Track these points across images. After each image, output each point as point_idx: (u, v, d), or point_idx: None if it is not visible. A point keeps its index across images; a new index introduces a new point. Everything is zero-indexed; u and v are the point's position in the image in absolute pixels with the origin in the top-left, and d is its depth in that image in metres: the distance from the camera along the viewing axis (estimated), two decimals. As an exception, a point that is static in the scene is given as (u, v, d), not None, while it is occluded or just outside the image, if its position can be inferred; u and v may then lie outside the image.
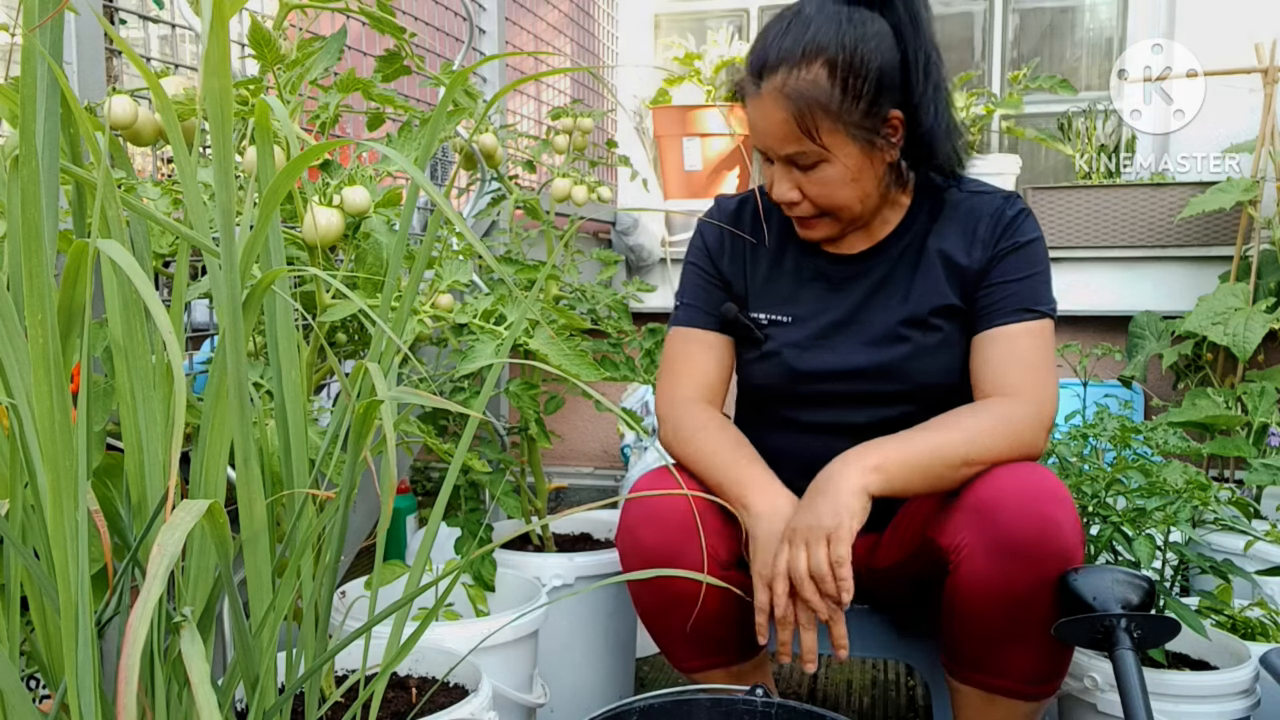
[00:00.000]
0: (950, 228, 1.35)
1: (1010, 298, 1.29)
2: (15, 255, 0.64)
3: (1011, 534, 1.14)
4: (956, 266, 1.32)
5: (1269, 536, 1.73)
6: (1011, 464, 1.20)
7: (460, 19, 2.12)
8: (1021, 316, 1.28)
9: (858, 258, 1.38)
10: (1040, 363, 1.28)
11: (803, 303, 1.39)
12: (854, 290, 1.37)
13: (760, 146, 1.30)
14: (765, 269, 1.42)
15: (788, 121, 1.24)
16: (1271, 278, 2.33)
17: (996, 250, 1.31)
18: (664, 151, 3.07)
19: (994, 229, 1.32)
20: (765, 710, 1.12)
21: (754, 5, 3.31)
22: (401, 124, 1.26)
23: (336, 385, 1.56)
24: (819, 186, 1.27)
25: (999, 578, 1.15)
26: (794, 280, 1.40)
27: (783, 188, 1.29)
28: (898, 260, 1.36)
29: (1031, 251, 1.31)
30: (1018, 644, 1.20)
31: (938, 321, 1.33)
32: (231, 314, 0.70)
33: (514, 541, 1.79)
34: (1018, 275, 1.30)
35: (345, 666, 1.26)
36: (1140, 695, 1.08)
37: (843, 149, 1.25)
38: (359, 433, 0.81)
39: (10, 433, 0.69)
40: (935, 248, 1.34)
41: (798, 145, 1.25)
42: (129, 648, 0.47)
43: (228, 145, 0.66)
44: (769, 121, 1.25)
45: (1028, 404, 1.24)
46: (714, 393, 1.40)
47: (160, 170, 1.42)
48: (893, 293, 1.36)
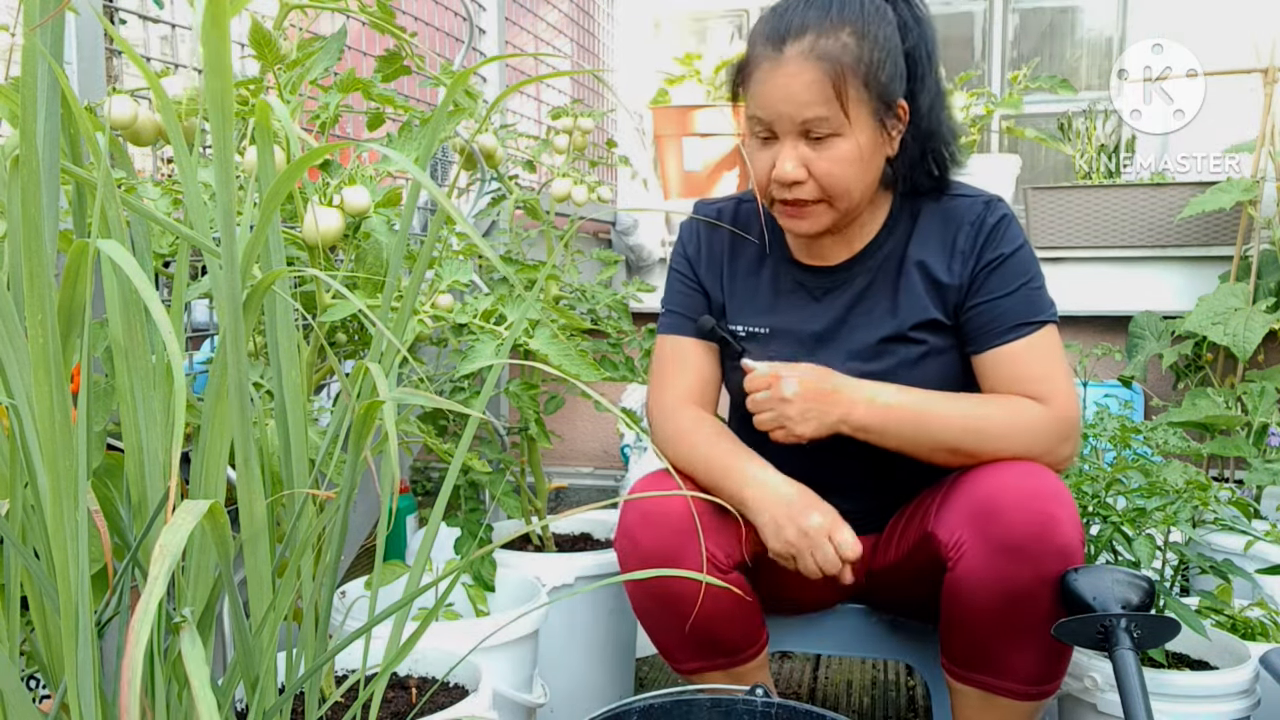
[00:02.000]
0: (929, 237, 1.32)
1: (1003, 316, 1.27)
2: (15, 255, 0.64)
3: (1011, 531, 1.14)
4: (937, 282, 1.30)
5: (1269, 536, 1.73)
6: (1012, 461, 1.20)
7: (460, 19, 2.11)
8: (1020, 333, 1.26)
9: (837, 269, 1.36)
10: (1054, 371, 1.26)
11: (781, 314, 1.37)
12: (834, 302, 1.35)
13: (770, 117, 1.23)
14: (743, 278, 1.40)
15: (819, 83, 1.19)
16: (1271, 278, 2.33)
17: (978, 264, 1.28)
18: (664, 151, 3.07)
19: (974, 239, 1.29)
20: (765, 710, 1.12)
21: (754, 5, 3.31)
22: (402, 124, 1.26)
23: (336, 385, 1.56)
24: (828, 163, 1.23)
25: (997, 575, 1.15)
26: (772, 291, 1.38)
27: (788, 165, 1.23)
28: (877, 271, 1.34)
29: (1016, 262, 1.28)
30: (1016, 643, 1.20)
31: (920, 335, 1.31)
32: (232, 314, 0.70)
33: (514, 541, 1.79)
34: (1005, 290, 1.27)
35: (345, 666, 1.26)
36: (1140, 695, 1.08)
37: (861, 124, 1.22)
38: (359, 433, 0.81)
39: (10, 433, 0.69)
40: (915, 259, 1.31)
41: (823, 109, 1.20)
42: (131, 648, 0.47)
43: (228, 145, 0.66)
44: (796, 84, 1.20)
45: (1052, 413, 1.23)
46: (703, 397, 1.39)
47: (160, 170, 1.42)
48: (874, 306, 1.33)
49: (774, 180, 1.25)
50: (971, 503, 1.18)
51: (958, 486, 1.22)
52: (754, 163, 1.28)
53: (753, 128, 1.27)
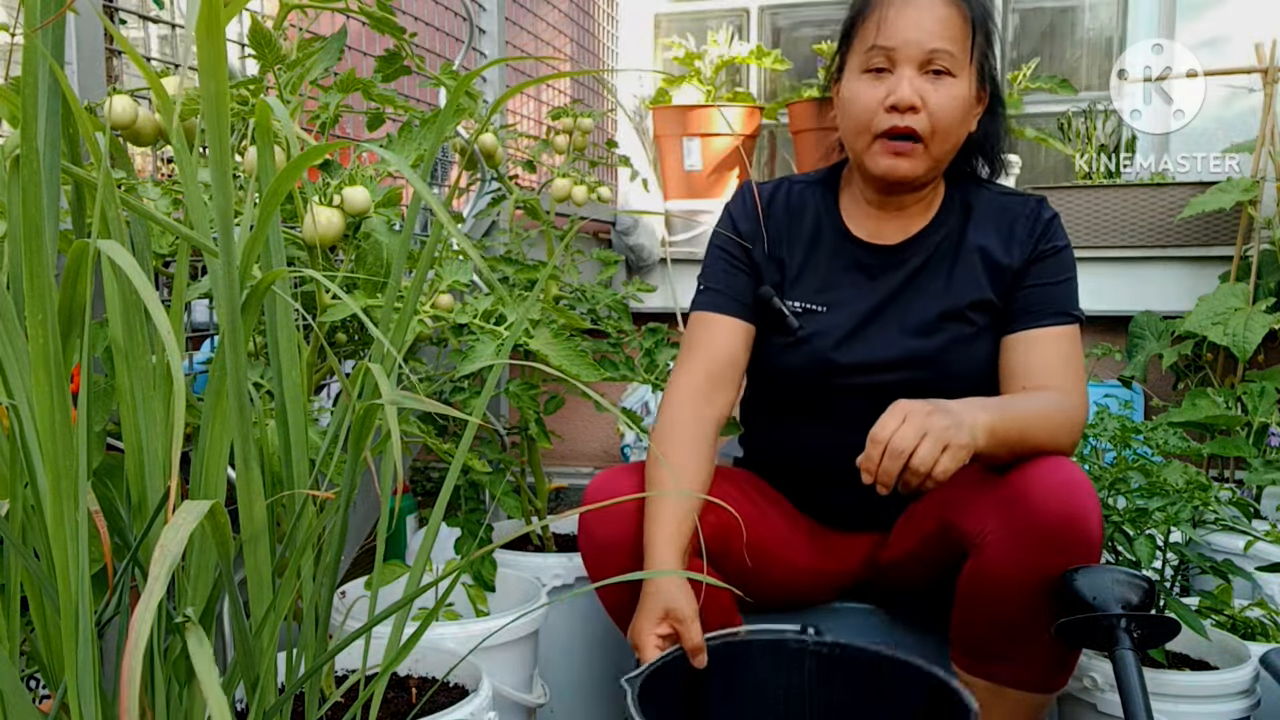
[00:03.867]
0: (986, 225, 1.38)
1: (1052, 300, 1.34)
2: (15, 255, 0.64)
3: (1042, 521, 1.15)
4: (996, 264, 1.36)
5: (1269, 536, 1.73)
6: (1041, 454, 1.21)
7: (460, 19, 2.11)
8: (1062, 319, 1.33)
9: (894, 248, 1.40)
10: (1079, 366, 1.33)
11: (838, 291, 1.40)
12: (889, 280, 1.39)
13: (895, 44, 1.28)
14: (801, 259, 1.43)
15: (953, 19, 1.28)
16: (1271, 278, 2.33)
17: (1035, 251, 1.36)
18: (664, 151, 3.07)
19: (1031, 230, 1.36)
20: (817, 649, 1.12)
21: (754, 5, 3.30)
22: (402, 124, 1.26)
23: (336, 385, 1.56)
24: (943, 99, 1.28)
25: (1022, 564, 1.16)
26: (829, 269, 1.42)
27: (907, 90, 1.27)
28: (934, 252, 1.39)
29: (1067, 257, 1.37)
30: (1034, 634, 1.20)
31: (974, 315, 1.36)
32: (231, 314, 0.70)
33: (514, 541, 1.79)
34: (1056, 279, 1.35)
35: (345, 666, 1.26)
36: (1140, 695, 1.08)
37: (969, 74, 1.31)
38: (359, 433, 0.81)
39: (10, 433, 0.69)
40: (974, 243, 1.38)
41: (950, 45, 1.27)
42: (131, 649, 0.47)
43: (225, 147, 0.66)
44: (930, 16, 1.27)
45: (1077, 406, 1.29)
46: (723, 378, 1.38)
47: (160, 170, 1.42)
48: (930, 283, 1.38)
49: (890, 106, 1.29)
50: (1000, 492, 1.19)
51: (982, 477, 1.23)
52: (860, 98, 1.32)
53: (868, 60, 1.31)
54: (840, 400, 1.38)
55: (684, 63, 3.06)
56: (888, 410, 1.14)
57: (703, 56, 3.03)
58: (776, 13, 3.31)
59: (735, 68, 3.20)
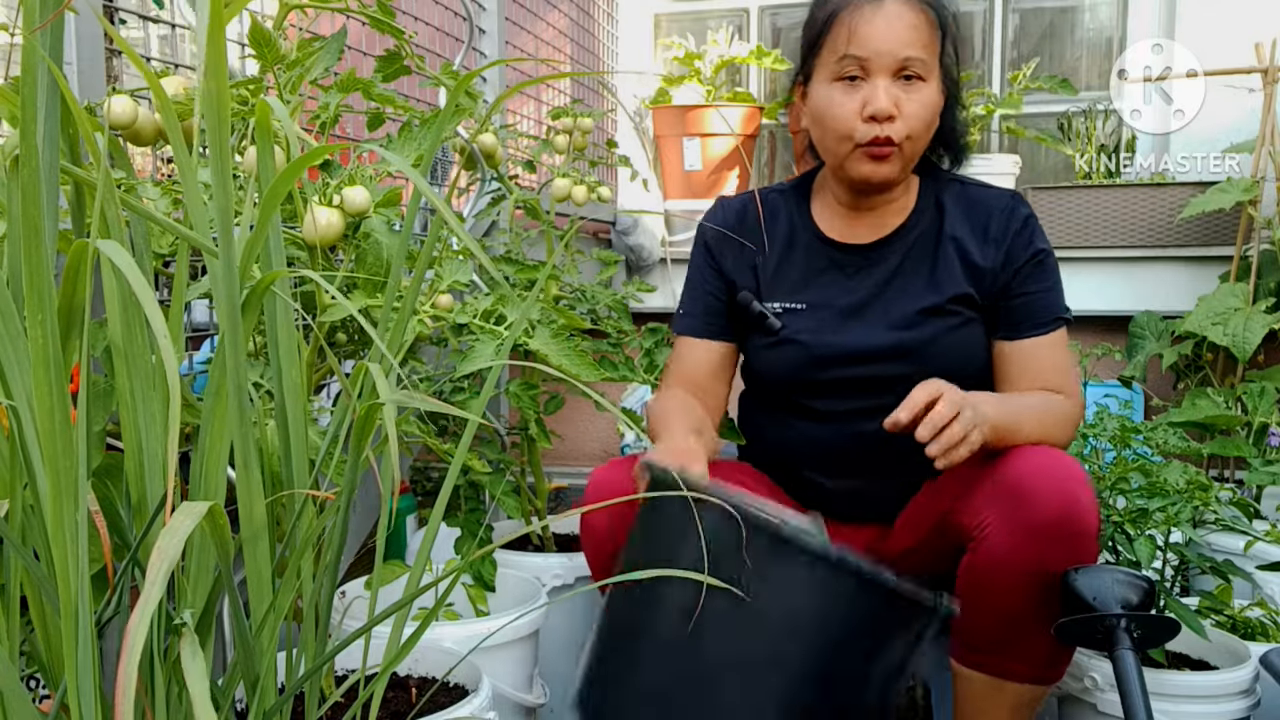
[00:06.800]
0: (960, 219, 1.39)
1: (1041, 309, 1.36)
2: (15, 255, 0.64)
3: (1040, 513, 1.15)
4: (971, 263, 1.37)
5: (1269, 537, 1.73)
6: (1036, 446, 1.22)
7: (460, 19, 2.11)
8: (1054, 326, 1.37)
9: (869, 247, 1.41)
10: (1071, 365, 1.37)
11: (816, 290, 1.42)
12: (868, 279, 1.41)
13: (868, 54, 1.28)
14: (775, 262, 1.45)
15: (922, 26, 1.29)
16: (1271, 278, 2.33)
17: (1012, 252, 1.36)
18: (664, 151, 3.07)
19: (1005, 228, 1.37)
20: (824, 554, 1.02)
21: (754, 5, 3.30)
22: (402, 124, 1.26)
23: (336, 385, 1.56)
24: (916, 105, 1.30)
25: (1020, 557, 1.17)
26: (805, 270, 1.43)
27: (885, 101, 1.28)
28: (911, 248, 1.40)
29: (1050, 261, 1.39)
30: (1034, 624, 1.20)
31: (956, 308, 1.37)
32: (231, 314, 0.70)
33: (514, 541, 1.79)
34: (1042, 288, 1.37)
35: (345, 666, 1.26)
36: (1140, 695, 1.08)
37: (937, 77, 1.32)
38: (359, 433, 0.81)
39: (10, 433, 0.69)
40: (950, 235, 1.39)
41: (921, 51, 1.29)
42: (127, 653, 0.47)
43: (225, 147, 0.66)
44: (900, 24, 1.28)
45: (1074, 405, 1.33)
46: (707, 390, 1.44)
47: (160, 170, 1.42)
48: (911, 278, 1.39)
49: (868, 116, 1.30)
50: (997, 485, 1.20)
51: (980, 470, 1.23)
52: (835, 108, 1.32)
53: (841, 69, 1.31)
54: (829, 394, 1.40)
55: (684, 63, 3.06)
56: (921, 384, 1.17)
57: (703, 56, 3.03)
58: (776, 13, 3.31)
59: (735, 68, 3.20)
